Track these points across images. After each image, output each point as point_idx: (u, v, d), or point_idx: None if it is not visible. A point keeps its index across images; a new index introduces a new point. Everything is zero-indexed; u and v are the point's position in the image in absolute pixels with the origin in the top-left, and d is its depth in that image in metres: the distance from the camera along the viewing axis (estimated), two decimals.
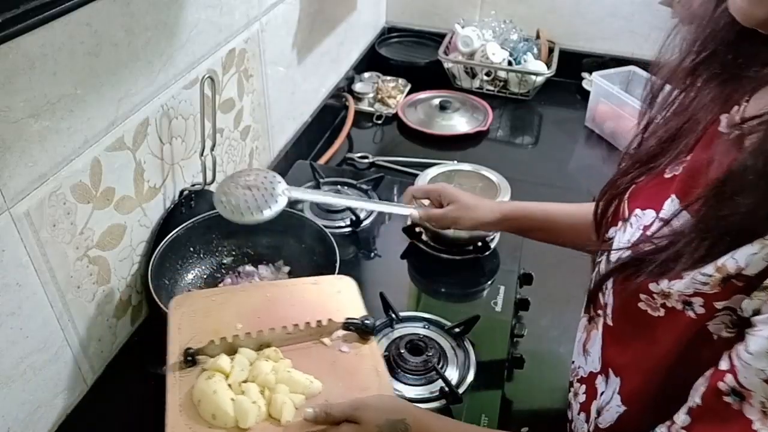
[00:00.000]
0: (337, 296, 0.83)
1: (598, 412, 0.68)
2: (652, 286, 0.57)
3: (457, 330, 0.94)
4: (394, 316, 0.95)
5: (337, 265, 0.90)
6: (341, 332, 0.77)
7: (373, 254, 1.14)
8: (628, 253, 0.60)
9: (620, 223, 0.67)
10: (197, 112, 0.96)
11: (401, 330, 0.95)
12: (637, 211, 0.64)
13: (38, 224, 0.70)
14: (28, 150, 0.67)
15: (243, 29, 1.07)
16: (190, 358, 0.69)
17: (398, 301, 0.98)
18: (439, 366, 0.88)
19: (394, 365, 0.88)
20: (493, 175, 1.14)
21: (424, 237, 1.14)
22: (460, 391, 0.85)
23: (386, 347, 0.91)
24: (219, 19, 0.99)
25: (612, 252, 0.65)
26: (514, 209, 0.96)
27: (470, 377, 0.88)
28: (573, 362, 0.78)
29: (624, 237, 0.65)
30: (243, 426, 0.63)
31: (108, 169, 0.80)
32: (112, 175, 0.81)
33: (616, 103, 1.51)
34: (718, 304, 0.52)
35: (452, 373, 0.89)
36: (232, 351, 0.71)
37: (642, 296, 0.58)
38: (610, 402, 0.66)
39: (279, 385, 0.68)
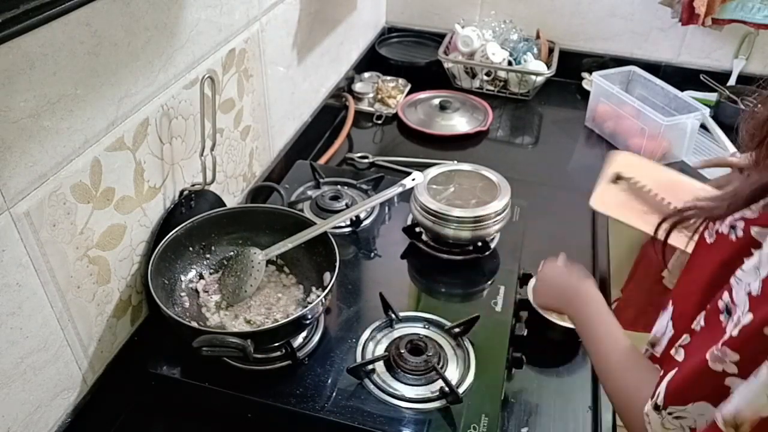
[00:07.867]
0: None
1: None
2: None
3: (457, 330, 0.94)
4: (394, 316, 0.95)
5: (337, 264, 0.90)
6: None
7: (373, 254, 1.14)
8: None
9: None
10: (197, 112, 0.96)
11: (401, 330, 0.95)
12: None
13: (38, 224, 0.70)
14: (28, 150, 0.67)
15: (243, 29, 1.07)
16: (616, 178, 1.18)
17: (398, 301, 0.98)
18: (439, 366, 0.88)
19: (394, 365, 0.88)
20: (493, 175, 1.14)
21: (424, 237, 1.14)
22: (461, 391, 0.85)
23: (386, 347, 0.91)
24: (219, 19, 0.99)
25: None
26: None
27: (470, 377, 0.88)
28: None
29: None
30: (619, 218, 1.10)
31: (108, 169, 0.80)
32: (112, 175, 0.81)
33: (616, 103, 1.51)
34: (754, 229, 0.55)
35: (452, 373, 0.89)
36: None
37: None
38: (666, 330, 0.68)
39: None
